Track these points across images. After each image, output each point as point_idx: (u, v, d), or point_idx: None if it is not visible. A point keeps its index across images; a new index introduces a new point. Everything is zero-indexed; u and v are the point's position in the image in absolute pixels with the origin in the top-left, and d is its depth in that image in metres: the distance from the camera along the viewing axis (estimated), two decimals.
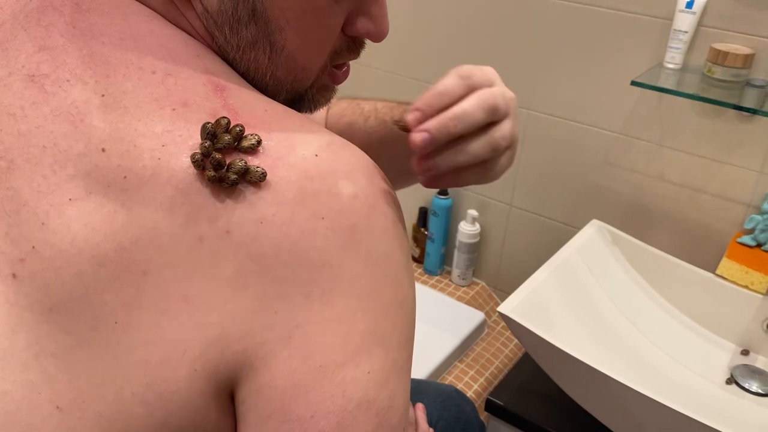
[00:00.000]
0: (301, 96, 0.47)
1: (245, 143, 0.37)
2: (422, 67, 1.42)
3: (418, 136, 0.43)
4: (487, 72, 0.47)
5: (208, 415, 0.37)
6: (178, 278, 0.35)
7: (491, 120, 0.45)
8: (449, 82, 0.44)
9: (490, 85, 0.46)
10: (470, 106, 0.44)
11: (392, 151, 0.62)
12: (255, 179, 0.36)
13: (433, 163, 0.45)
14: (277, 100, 0.45)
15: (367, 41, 0.48)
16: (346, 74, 0.50)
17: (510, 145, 0.47)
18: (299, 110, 0.48)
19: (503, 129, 0.45)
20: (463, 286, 1.52)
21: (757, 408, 1.01)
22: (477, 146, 0.45)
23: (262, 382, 0.36)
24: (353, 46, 0.48)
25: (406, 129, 0.44)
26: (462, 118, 0.43)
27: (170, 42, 0.40)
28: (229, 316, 0.36)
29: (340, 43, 0.46)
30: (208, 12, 0.41)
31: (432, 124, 0.43)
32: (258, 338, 0.36)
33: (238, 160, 0.36)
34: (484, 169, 0.47)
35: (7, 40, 0.39)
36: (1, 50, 0.39)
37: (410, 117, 0.44)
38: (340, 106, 0.74)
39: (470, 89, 0.45)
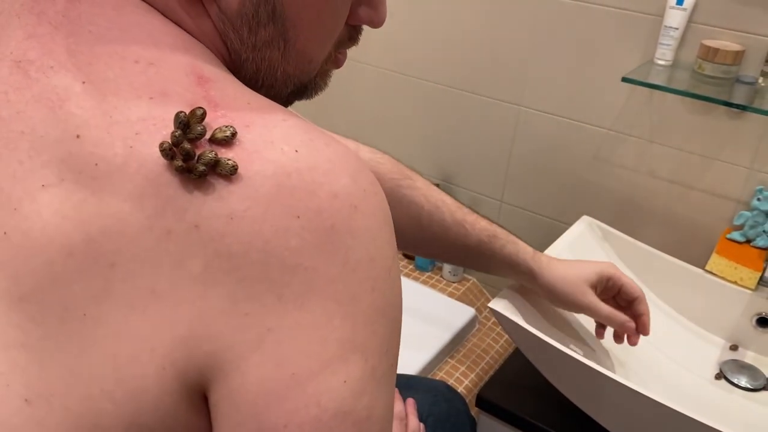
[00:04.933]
0: (305, 85, 0.48)
1: (219, 135, 0.35)
2: (413, 63, 1.42)
3: None
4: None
5: (177, 416, 0.36)
6: (146, 272, 0.34)
7: None
8: None
9: None
10: None
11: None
12: (225, 172, 0.34)
13: None
14: (285, 93, 0.46)
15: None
16: (344, 57, 0.51)
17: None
18: (302, 98, 0.49)
19: None
20: (454, 282, 1.52)
21: (745, 403, 1.01)
22: None
23: (234, 386, 0.35)
24: (354, 34, 0.49)
25: None
26: None
27: (159, 33, 0.39)
28: (198, 315, 0.34)
29: (343, 33, 0.48)
30: (225, 15, 0.40)
31: None
32: (228, 340, 0.34)
33: (208, 151, 0.34)
34: None
35: (2, 27, 0.39)
36: None
37: None
38: (390, 169, 0.86)
39: None
